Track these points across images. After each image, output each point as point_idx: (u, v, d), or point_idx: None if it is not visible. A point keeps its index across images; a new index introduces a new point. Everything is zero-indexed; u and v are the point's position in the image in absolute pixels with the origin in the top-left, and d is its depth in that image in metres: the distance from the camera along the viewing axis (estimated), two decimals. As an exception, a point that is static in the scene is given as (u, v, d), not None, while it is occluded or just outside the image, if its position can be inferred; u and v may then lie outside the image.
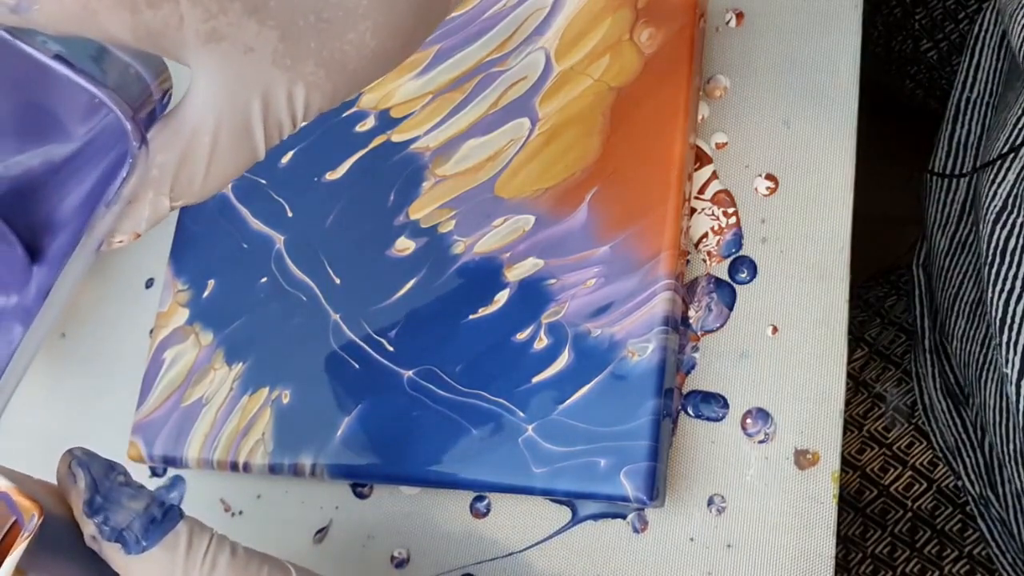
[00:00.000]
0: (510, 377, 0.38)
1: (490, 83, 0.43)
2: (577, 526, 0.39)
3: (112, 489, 0.29)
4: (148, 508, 0.29)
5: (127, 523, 0.29)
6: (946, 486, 0.50)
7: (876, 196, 0.49)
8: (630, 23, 0.41)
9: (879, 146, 0.50)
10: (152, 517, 0.29)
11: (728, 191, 0.40)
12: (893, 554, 0.51)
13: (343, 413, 0.40)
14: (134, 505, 0.29)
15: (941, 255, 0.47)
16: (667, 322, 0.37)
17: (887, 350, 0.53)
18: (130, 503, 0.29)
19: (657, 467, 0.36)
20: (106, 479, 0.29)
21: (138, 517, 0.29)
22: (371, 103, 0.44)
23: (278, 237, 0.44)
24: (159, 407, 0.44)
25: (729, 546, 0.37)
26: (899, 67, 0.62)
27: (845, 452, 0.51)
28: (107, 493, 0.29)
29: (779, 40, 0.41)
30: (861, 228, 0.39)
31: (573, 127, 0.41)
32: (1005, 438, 0.42)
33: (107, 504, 0.29)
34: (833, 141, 0.39)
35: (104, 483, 0.29)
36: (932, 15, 0.57)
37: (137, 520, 0.29)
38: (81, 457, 0.29)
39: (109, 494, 0.29)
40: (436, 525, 0.41)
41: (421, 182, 0.42)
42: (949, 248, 0.47)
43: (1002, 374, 0.40)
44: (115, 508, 0.29)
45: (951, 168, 0.47)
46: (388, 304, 0.41)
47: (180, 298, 0.45)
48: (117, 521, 0.29)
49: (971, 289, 0.45)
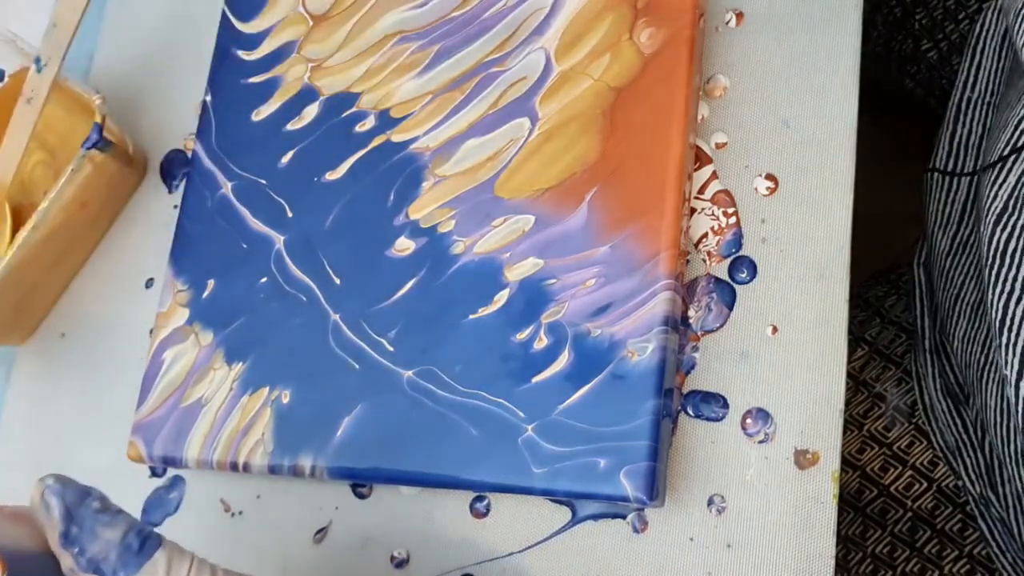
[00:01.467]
0: (510, 377, 0.38)
1: (490, 83, 0.43)
2: (577, 526, 0.39)
3: (87, 518, 0.28)
4: (125, 536, 0.28)
5: (104, 554, 0.28)
6: (946, 486, 0.50)
7: (876, 196, 0.49)
8: (630, 23, 0.41)
9: (879, 146, 0.50)
10: (129, 546, 0.28)
11: (728, 191, 0.40)
12: (893, 554, 0.51)
13: (343, 413, 0.40)
14: (110, 534, 0.28)
15: (942, 256, 0.47)
16: (667, 322, 0.37)
17: (887, 350, 0.53)
18: (106, 532, 0.28)
19: (657, 467, 0.36)
20: (81, 507, 0.28)
21: (115, 547, 0.28)
22: (371, 103, 0.44)
23: (278, 237, 0.44)
24: (159, 407, 0.44)
25: (729, 546, 0.37)
26: (899, 67, 0.62)
27: (845, 452, 0.51)
28: (82, 522, 0.28)
29: (779, 40, 0.41)
30: (861, 228, 0.39)
31: (573, 127, 0.41)
32: (1005, 439, 0.42)
33: (82, 534, 0.28)
34: (833, 141, 0.39)
35: (79, 512, 0.28)
36: (932, 15, 0.57)
37: (114, 550, 0.28)
38: (53, 486, 0.29)
39: (84, 523, 0.28)
40: (436, 525, 0.41)
41: (421, 182, 0.42)
42: (950, 249, 0.47)
43: (1002, 376, 0.40)
44: (91, 538, 0.28)
45: (952, 168, 0.47)
46: (388, 304, 0.41)
47: (180, 298, 0.45)
48: (93, 552, 0.28)
49: (972, 290, 0.45)
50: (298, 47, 0.46)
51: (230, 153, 0.46)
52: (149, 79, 0.52)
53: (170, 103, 0.51)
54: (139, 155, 0.50)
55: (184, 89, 0.51)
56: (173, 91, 0.52)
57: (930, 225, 0.49)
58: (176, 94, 0.51)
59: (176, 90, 0.51)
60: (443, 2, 0.44)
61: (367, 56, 0.45)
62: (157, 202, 0.50)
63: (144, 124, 0.51)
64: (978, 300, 0.44)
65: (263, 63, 0.47)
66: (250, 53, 0.47)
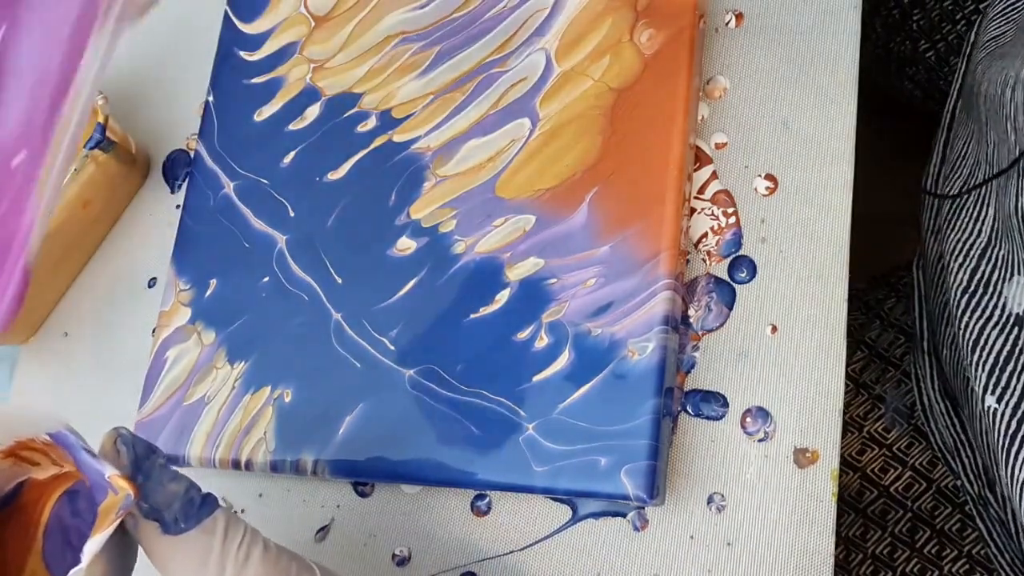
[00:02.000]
0: (511, 376, 0.39)
1: (491, 84, 0.43)
2: (577, 524, 0.39)
3: (153, 469, 0.29)
4: (188, 491, 0.29)
5: (167, 504, 0.29)
6: (945, 486, 0.50)
7: (876, 196, 0.49)
8: (630, 24, 0.41)
9: (878, 146, 0.50)
10: (192, 500, 0.29)
11: (728, 191, 0.41)
12: (893, 554, 0.51)
13: (345, 412, 0.41)
14: (174, 487, 0.29)
15: (932, 263, 0.47)
16: (667, 321, 0.37)
17: (887, 352, 0.53)
18: (170, 485, 0.29)
19: (657, 466, 0.36)
20: (147, 459, 0.29)
21: (178, 499, 0.29)
22: (372, 103, 0.45)
23: (280, 237, 0.44)
24: (161, 406, 0.44)
25: (729, 544, 0.37)
26: (898, 68, 0.62)
27: (845, 453, 0.51)
28: (148, 472, 0.29)
29: (779, 40, 0.41)
30: (861, 228, 0.39)
31: (573, 127, 0.41)
32: (995, 445, 0.42)
33: (148, 483, 0.29)
34: (832, 141, 0.40)
35: (145, 463, 0.29)
36: (930, 17, 0.57)
37: (177, 501, 0.29)
38: (125, 435, 0.30)
39: (151, 473, 0.29)
40: (437, 523, 0.41)
41: (422, 182, 0.43)
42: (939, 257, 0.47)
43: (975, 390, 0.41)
44: (156, 488, 0.29)
45: (945, 177, 0.48)
46: (389, 303, 0.41)
47: (182, 297, 0.45)
48: (157, 500, 0.29)
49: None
50: (300, 48, 0.47)
51: (232, 153, 0.46)
52: (152, 79, 0.52)
53: (173, 103, 0.52)
54: (141, 155, 0.50)
55: (186, 89, 0.51)
56: (176, 91, 0.52)
57: (922, 232, 0.49)
58: (179, 94, 0.52)
59: (179, 90, 0.52)
60: (444, 3, 0.45)
61: (369, 57, 0.45)
62: (159, 202, 0.50)
63: (147, 124, 0.52)
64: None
65: (265, 63, 0.47)
66: (252, 54, 0.47)
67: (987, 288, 0.41)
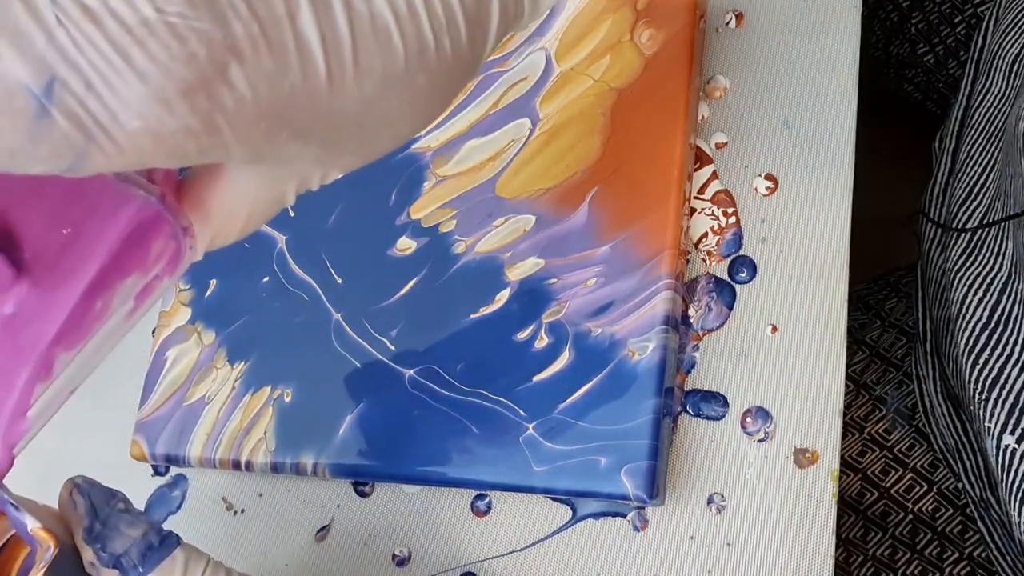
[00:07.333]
0: (511, 376, 0.39)
1: (491, 83, 0.43)
2: (577, 524, 0.39)
3: (111, 516, 0.30)
4: (146, 535, 0.30)
5: (124, 549, 0.30)
6: (946, 488, 0.50)
7: (876, 196, 0.49)
8: (630, 24, 0.41)
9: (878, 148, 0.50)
10: (149, 544, 0.30)
11: (728, 191, 0.41)
12: (894, 556, 0.51)
13: (345, 412, 0.41)
14: (132, 532, 0.30)
15: (937, 275, 0.47)
16: (667, 321, 0.37)
17: (888, 353, 0.53)
18: (128, 530, 0.30)
19: (657, 466, 0.36)
20: (105, 506, 0.30)
21: (135, 543, 0.30)
22: (373, 104, 0.45)
23: (280, 237, 0.44)
24: (161, 406, 0.44)
25: (729, 544, 0.37)
26: (897, 70, 0.62)
27: (846, 455, 0.51)
28: (106, 519, 0.30)
29: (779, 40, 0.41)
30: (860, 230, 0.39)
31: (574, 127, 0.41)
32: (1012, 486, 0.42)
33: (105, 530, 0.30)
34: (833, 141, 0.40)
35: (103, 510, 0.30)
36: (928, 19, 0.57)
37: (134, 546, 0.30)
38: (82, 485, 0.30)
39: (108, 520, 0.30)
40: (437, 523, 0.41)
41: (422, 182, 0.43)
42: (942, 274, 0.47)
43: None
44: (113, 534, 0.30)
45: (960, 202, 0.47)
46: (389, 303, 0.41)
47: (182, 297, 0.45)
48: (115, 547, 0.30)
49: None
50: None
51: (233, 154, 0.46)
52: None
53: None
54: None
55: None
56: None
57: (923, 242, 0.49)
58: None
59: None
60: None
61: (369, 57, 0.45)
62: (160, 203, 0.50)
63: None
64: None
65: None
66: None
67: (1007, 324, 0.41)
